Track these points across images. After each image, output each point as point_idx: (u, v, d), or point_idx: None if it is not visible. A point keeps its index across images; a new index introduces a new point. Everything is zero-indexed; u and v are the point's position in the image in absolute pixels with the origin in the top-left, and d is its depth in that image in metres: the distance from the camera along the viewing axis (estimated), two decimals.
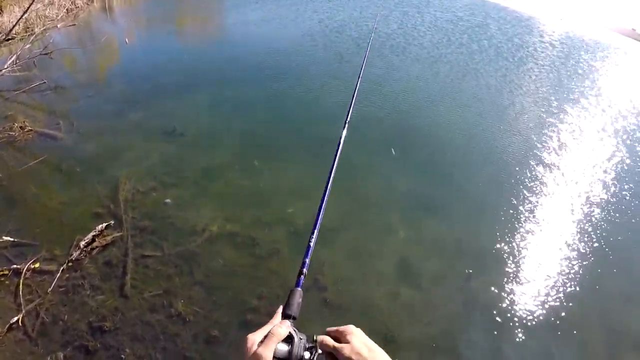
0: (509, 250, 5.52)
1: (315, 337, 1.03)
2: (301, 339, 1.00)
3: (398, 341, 4.20)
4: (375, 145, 7.53)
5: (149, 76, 9.80)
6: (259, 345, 0.93)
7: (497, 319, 4.61)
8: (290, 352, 0.95)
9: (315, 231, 1.38)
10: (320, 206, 1.56)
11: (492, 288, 4.97)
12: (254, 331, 0.98)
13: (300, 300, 1.14)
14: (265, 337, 0.96)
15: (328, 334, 1.07)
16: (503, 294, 4.90)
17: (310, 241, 1.34)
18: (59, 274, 4.59)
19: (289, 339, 0.98)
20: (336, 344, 1.01)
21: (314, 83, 9.89)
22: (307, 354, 0.98)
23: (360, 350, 0.99)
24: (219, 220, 5.48)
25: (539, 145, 8.02)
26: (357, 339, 1.02)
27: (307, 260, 1.27)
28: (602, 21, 20.73)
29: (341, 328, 1.06)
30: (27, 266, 4.64)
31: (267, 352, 0.92)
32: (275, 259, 4.98)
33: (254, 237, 5.25)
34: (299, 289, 1.18)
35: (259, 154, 6.91)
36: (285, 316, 1.08)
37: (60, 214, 5.49)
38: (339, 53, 12.13)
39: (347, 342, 1.01)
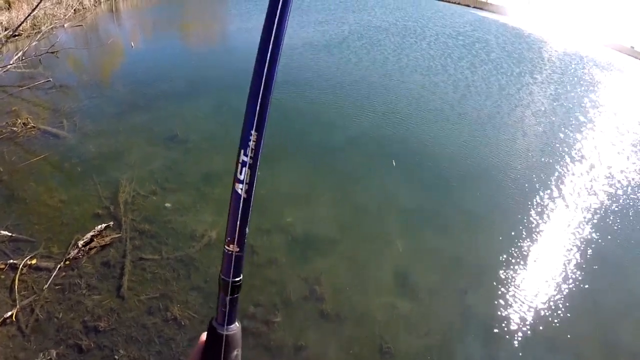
0: (506, 263, 5.55)
1: None
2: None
3: (394, 353, 4.20)
4: (374, 157, 7.59)
5: (153, 80, 9.86)
6: None
7: (494, 332, 4.62)
8: None
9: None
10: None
11: (489, 301, 4.99)
12: None
13: (238, 352, 0.72)
14: None
15: None
16: (500, 307, 4.91)
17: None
18: (55, 272, 4.58)
19: None
20: None
21: (314, 91, 9.97)
22: None
23: None
24: (218, 226, 5.49)
25: (537, 161, 8.11)
26: None
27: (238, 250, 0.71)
28: (601, 39, 20.94)
29: None
30: (24, 262, 4.63)
31: None
32: (273, 267, 4.99)
33: (252, 244, 5.25)
34: (233, 326, 0.71)
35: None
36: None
37: (60, 212, 5.48)
38: (338, 62, 12.25)
39: None
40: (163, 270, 4.78)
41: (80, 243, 4.89)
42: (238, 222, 0.68)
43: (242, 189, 0.69)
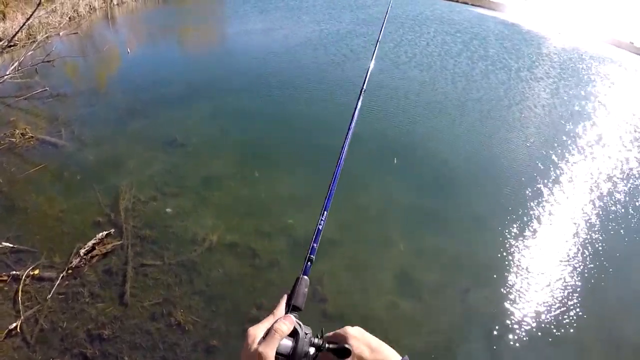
0: (508, 262, 5.54)
1: (322, 333, 0.99)
2: (307, 333, 0.93)
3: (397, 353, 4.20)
4: (375, 157, 7.58)
5: (150, 86, 9.86)
6: (260, 343, 0.86)
7: (496, 330, 4.63)
8: (294, 348, 0.89)
9: (325, 212, 1.29)
10: (331, 185, 1.46)
11: (491, 300, 4.99)
12: (256, 324, 0.92)
13: (307, 289, 1.06)
14: (267, 332, 0.88)
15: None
16: (502, 305, 4.91)
17: (319, 224, 1.24)
18: (58, 281, 4.59)
19: (293, 334, 0.91)
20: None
21: (315, 93, 9.96)
22: (312, 350, 0.92)
23: (361, 353, 0.93)
24: (219, 230, 5.49)
25: (539, 158, 8.09)
26: (357, 341, 0.95)
27: (316, 246, 1.18)
28: (600, 34, 20.87)
29: (339, 331, 1.00)
30: (26, 272, 4.64)
31: (269, 351, 0.84)
32: (274, 270, 5.00)
33: (254, 247, 5.27)
34: (306, 277, 1.08)
35: (259, 164, 6.96)
36: (289, 308, 1.00)
37: (61, 222, 5.50)
38: (340, 64, 12.23)
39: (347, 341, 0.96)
40: (165, 275, 4.79)
41: (82, 251, 4.90)
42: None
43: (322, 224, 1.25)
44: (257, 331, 0.89)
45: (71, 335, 4.13)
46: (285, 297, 1.03)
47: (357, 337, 0.96)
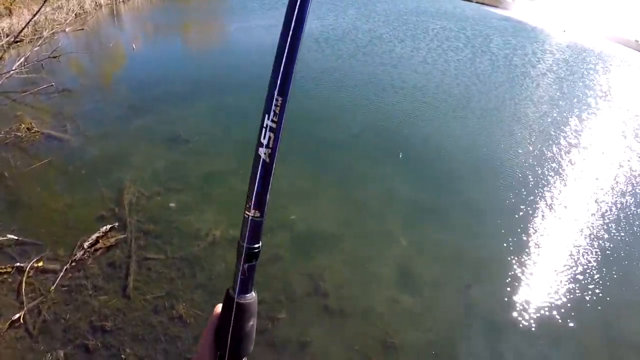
0: (509, 257, 5.54)
1: None
2: None
3: (398, 347, 4.21)
4: (376, 153, 7.58)
5: (155, 82, 9.89)
6: None
7: (498, 326, 4.63)
8: None
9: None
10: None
11: (493, 296, 4.99)
12: None
13: (254, 320, 0.72)
14: None
15: None
16: (503, 301, 4.91)
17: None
18: (62, 274, 4.62)
19: None
20: None
21: (317, 89, 9.96)
22: None
23: None
24: (222, 224, 5.51)
25: (541, 154, 8.07)
26: None
27: (259, 216, 0.70)
28: (605, 33, 20.76)
29: None
30: (30, 264, 4.68)
31: None
32: (277, 264, 5.01)
33: None
34: (250, 295, 0.73)
35: None
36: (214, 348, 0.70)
37: (65, 215, 5.53)
38: (341, 58, 12.23)
39: None
40: (168, 269, 4.82)
41: (86, 244, 4.94)
42: (259, 187, 0.67)
43: (265, 153, 0.67)
44: None
45: (74, 327, 4.16)
46: (206, 338, 0.73)
47: None
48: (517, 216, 6.33)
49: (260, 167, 0.66)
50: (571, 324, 4.74)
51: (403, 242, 5.61)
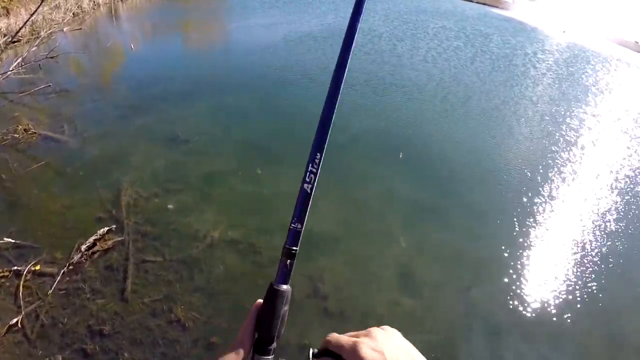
0: (510, 258, 5.52)
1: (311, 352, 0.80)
2: None
3: None
4: (376, 153, 7.55)
5: (153, 82, 9.84)
6: None
7: (498, 327, 4.60)
8: None
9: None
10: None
11: (493, 297, 4.96)
12: None
13: (287, 308, 0.83)
14: None
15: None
16: (504, 302, 4.89)
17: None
18: (59, 277, 4.59)
19: None
20: (350, 341, 0.75)
21: (318, 90, 9.91)
22: None
23: (384, 349, 0.73)
24: (221, 226, 5.48)
25: (541, 154, 8.04)
26: (386, 338, 0.77)
27: (300, 227, 0.86)
28: (604, 34, 20.75)
29: (362, 332, 0.79)
30: (27, 268, 4.65)
31: None
32: (276, 267, 4.96)
33: (256, 243, 5.25)
34: (285, 286, 0.84)
35: (261, 161, 6.94)
36: (257, 346, 0.81)
37: (62, 217, 5.50)
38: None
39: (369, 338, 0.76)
40: (166, 272, 4.79)
41: (83, 247, 4.91)
42: (302, 208, 0.87)
43: (307, 187, 0.89)
44: None
45: (72, 331, 4.14)
46: (248, 321, 0.82)
47: (388, 335, 0.78)
48: (517, 217, 6.31)
49: (304, 196, 0.88)
50: (572, 325, 4.72)
51: (402, 243, 5.58)
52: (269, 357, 0.80)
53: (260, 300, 0.84)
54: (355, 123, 8.55)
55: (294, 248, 0.85)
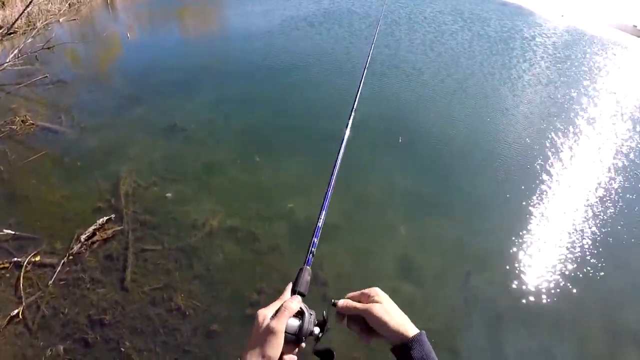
0: (509, 247, 5.49)
1: (328, 307, 1.08)
2: (311, 314, 1.01)
3: None
4: (377, 142, 7.50)
5: (151, 71, 9.79)
6: (271, 319, 0.94)
7: (498, 316, 4.60)
8: (300, 327, 0.96)
9: (324, 212, 1.37)
10: (330, 182, 1.56)
11: (493, 285, 4.94)
12: (265, 307, 0.99)
13: (309, 277, 1.15)
14: (277, 311, 0.96)
15: (351, 298, 1.09)
16: (504, 291, 4.87)
17: (318, 222, 1.33)
18: (59, 267, 4.61)
19: (299, 315, 0.99)
20: (362, 305, 1.03)
21: (317, 78, 9.84)
22: (316, 330, 1.00)
23: (391, 311, 1.01)
24: (220, 215, 5.47)
25: (540, 142, 7.98)
26: (388, 300, 1.04)
27: (316, 240, 1.28)
28: (603, 18, 20.53)
29: (366, 290, 1.09)
30: (27, 259, 4.66)
31: (280, 326, 0.92)
32: (275, 254, 4.98)
33: (255, 231, 5.24)
34: (308, 267, 1.18)
35: (260, 149, 6.90)
36: (295, 293, 1.08)
37: (61, 208, 5.51)
38: (343, 47, 12.06)
39: (377, 302, 1.03)
40: (165, 260, 4.79)
41: (83, 237, 4.91)
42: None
43: (322, 218, 1.33)
44: (267, 311, 0.97)
45: (72, 321, 4.15)
46: (290, 284, 1.11)
47: (388, 298, 1.06)
48: (517, 206, 6.25)
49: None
50: (572, 313, 4.71)
51: (402, 231, 5.56)
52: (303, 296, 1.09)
53: (290, 285, 1.11)
54: (357, 112, 8.46)
55: (315, 240, 1.28)
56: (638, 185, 7.00)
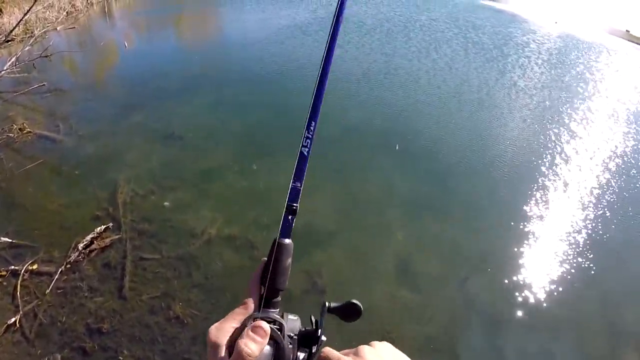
0: (507, 250, 5.52)
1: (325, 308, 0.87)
2: (291, 336, 0.77)
3: (396, 342, 4.14)
4: (374, 146, 7.53)
5: (148, 79, 9.81)
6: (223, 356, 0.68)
7: (495, 318, 4.61)
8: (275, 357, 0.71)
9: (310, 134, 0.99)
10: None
11: (490, 288, 4.96)
12: (219, 323, 0.76)
13: (290, 260, 0.85)
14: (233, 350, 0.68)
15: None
16: (502, 294, 4.89)
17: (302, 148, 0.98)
18: (57, 276, 4.59)
19: (272, 340, 0.72)
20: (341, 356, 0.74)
21: (313, 85, 9.84)
22: (301, 355, 0.76)
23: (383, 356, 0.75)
24: (218, 222, 5.48)
25: (537, 146, 8.04)
26: (383, 349, 0.79)
27: (300, 185, 0.93)
28: (596, 23, 20.77)
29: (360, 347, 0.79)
30: (25, 267, 4.64)
31: None
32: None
33: (253, 239, 5.25)
34: (288, 240, 0.85)
35: (257, 156, 6.92)
36: (262, 297, 0.80)
37: (59, 216, 5.49)
38: (339, 53, 12.10)
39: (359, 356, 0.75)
40: (164, 269, 4.79)
41: (81, 246, 4.90)
42: (302, 168, 0.94)
43: (306, 151, 0.98)
44: (219, 337, 0.71)
45: (70, 330, 4.14)
46: (255, 279, 0.82)
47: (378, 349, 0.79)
48: (515, 209, 6.31)
49: (302, 158, 0.97)
50: (570, 315, 4.74)
51: (399, 236, 5.58)
52: (276, 310, 0.82)
53: (265, 258, 0.84)
54: (350, 115, 8.52)
55: (295, 204, 0.91)
56: (634, 186, 7.05)
